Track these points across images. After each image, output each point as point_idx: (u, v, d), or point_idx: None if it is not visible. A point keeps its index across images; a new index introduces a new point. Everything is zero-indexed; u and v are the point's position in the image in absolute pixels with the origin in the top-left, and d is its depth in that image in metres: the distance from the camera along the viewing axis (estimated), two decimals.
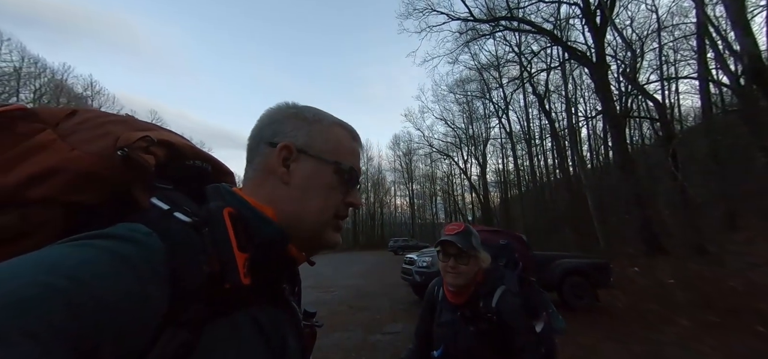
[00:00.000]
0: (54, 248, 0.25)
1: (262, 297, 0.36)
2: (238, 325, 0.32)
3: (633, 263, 7.52)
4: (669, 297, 5.44)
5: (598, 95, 10.78)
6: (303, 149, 0.42)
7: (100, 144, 0.34)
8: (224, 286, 0.30)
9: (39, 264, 0.23)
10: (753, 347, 3.62)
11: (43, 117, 0.34)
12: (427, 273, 5.77)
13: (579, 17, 11.81)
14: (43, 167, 0.31)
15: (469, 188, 26.70)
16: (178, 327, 0.27)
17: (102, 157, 0.33)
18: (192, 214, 0.33)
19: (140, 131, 0.36)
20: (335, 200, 0.42)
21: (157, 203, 0.33)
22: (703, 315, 4.62)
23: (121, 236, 0.27)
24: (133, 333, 0.25)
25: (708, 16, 8.64)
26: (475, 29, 13.94)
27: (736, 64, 8.16)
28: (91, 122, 0.36)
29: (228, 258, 0.31)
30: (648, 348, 3.63)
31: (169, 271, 0.28)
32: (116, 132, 0.35)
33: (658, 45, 14.04)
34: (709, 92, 10.90)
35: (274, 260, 0.37)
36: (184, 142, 0.42)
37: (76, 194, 0.32)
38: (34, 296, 0.20)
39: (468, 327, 0.99)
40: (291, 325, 0.40)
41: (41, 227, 0.31)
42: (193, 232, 0.31)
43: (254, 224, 0.36)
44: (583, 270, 5.48)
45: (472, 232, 1.05)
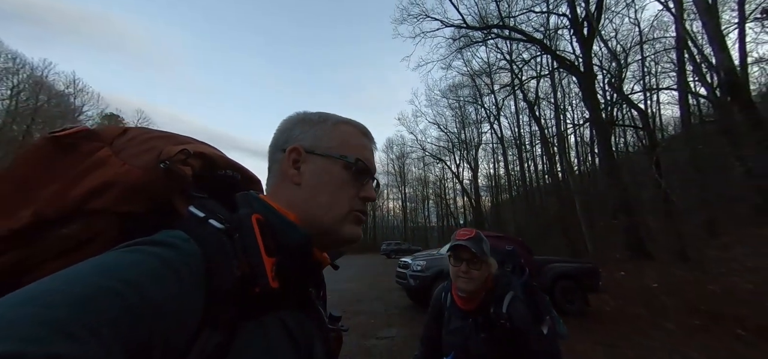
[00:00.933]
0: (110, 254, 0.27)
1: (291, 301, 0.37)
2: (268, 328, 0.33)
3: (619, 268, 7.75)
4: (655, 302, 5.61)
5: (586, 103, 11.14)
6: (310, 149, 0.43)
7: (146, 158, 0.37)
8: (254, 290, 0.31)
9: (98, 268, 0.25)
10: (735, 350, 3.76)
11: (102, 136, 0.38)
12: (422, 277, 5.76)
13: (567, 28, 12.23)
14: (101, 181, 0.34)
15: (461, 192, 27.01)
16: (213, 329, 0.28)
17: (147, 170, 0.36)
18: (224, 221, 0.34)
19: (179, 145, 0.39)
20: (347, 195, 0.43)
21: (194, 211, 0.35)
22: (688, 319, 4.78)
23: (164, 243, 0.29)
24: (177, 332, 0.26)
25: (687, 30, 9.10)
26: (468, 36, 14.24)
27: (712, 77, 8.62)
28: (138, 138, 0.40)
29: (257, 262, 0.32)
30: (638, 353, 3.71)
31: (205, 274, 0.29)
32: (159, 147, 0.38)
33: (641, 57, 14.69)
34: (688, 103, 11.43)
35: (300, 264, 0.37)
36: (217, 153, 0.45)
37: (127, 204, 0.35)
38: (95, 296, 0.22)
39: (479, 334, 0.98)
40: (318, 329, 0.41)
41: (100, 235, 0.35)
42: (226, 238, 0.32)
43: (280, 230, 0.37)
44: (573, 274, 5.59)
45: (483, 238, 1.05)
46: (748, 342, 3.92)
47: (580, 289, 5.51)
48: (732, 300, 4.91)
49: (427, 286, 5.61)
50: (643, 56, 14.63)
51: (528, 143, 21.50)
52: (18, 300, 0.22)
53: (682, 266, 6.78)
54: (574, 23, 11.07)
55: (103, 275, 0.24)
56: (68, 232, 0.33)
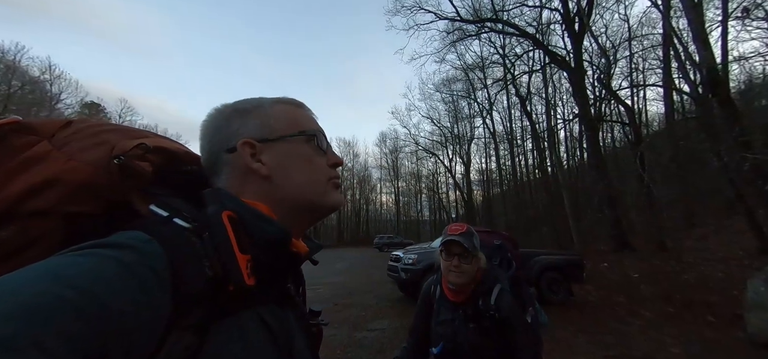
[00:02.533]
0: (58, 258, 0.25)
1: (269, 297, 0.37)
2: (245, 325, 0.33)
3: (603, 259, 8.05)
4: (634, 291, 5.88)
5: (576, 98, 11.33)
6: (262, 138, 0.41)
7: (96, 153, 0.34)
8: (228, 288, 0.31)
9: (44, 274, 0.23)
10: (705, 335, 4.00)
11: (38, 129, 0.34)
12: (413, 270, 5.84)
13: (559, 23, 12.33)
14: (40, 179, 0.31)
15: (453, 187, 27.25)
16: (182, 331, 0.28)
17: (98, 166, 0.33)
18: (191, 219, 0.33)
19: (136, 139, 0.36)
20: (320, 165, 0.43)
21: (155, 210, 0.33)
22: (663, 307, 5.03)
23: (121, 245, 0.27)
24: (139, 339, 0.25)
25: (673, 27, 9.28)
26: (462, 29, 14.19)
27: (695, 74, 8.88)
28: (86, 131, 0.36)
29: (230, 261, 0.31)
30: (617, 339, 3.91)
31: (171, 276, 0.28)
32: (112, 141, 0.35)
33: (629, 53, 14.95)
34: (672, 100, 11.79)
35: (276, 259, 0.37)
36: (180, 148, 0.43)
37: (75, 204, 0.32)
38: (43, 305, 0.21)
39: (468, 325, 1.02)
40: (298, 323, 0.41)
41: (42, 239, 0.31)
42: (194, 237, 0.31)
43: (255, 225, 0.36)
44: (559, 266, 5.78)
45: (474, 233, 1.08)
46: (716, 328, 4.17)
47: (565, 280, 5.70)
48: (704, 288, 5.19)
49: (418, 279, 5.71)
50: (631, 52, 14.92)
51: (519, 138, 21.80)
52: None
53: (660, 257, 7.11)
54: (565, 18, 11.16)
55: (51, 281, 0.22)
56: (2, 236, 0.30)
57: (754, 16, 9.74)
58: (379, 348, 3.76)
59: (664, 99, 12.21)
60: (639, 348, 3.63)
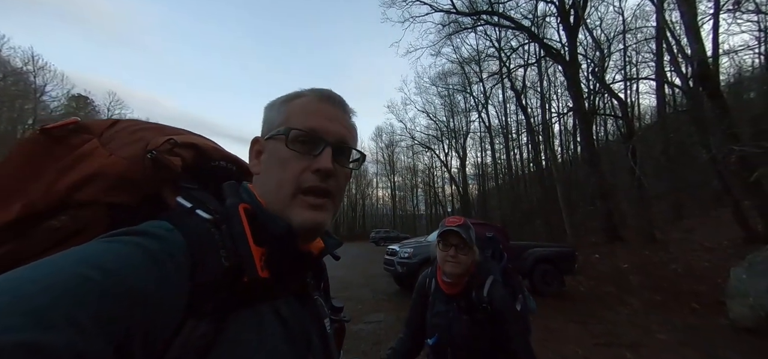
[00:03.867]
0: (91, 244, 0.27)
1: (285, 291, 0.37)
2: (260, 316, 0.33)
3: (595, 251, 8.23)
4: (624, 281, 6.04)
5: (570, 92, 11.41)
6: (265, 135, 0.42)
7: (133, 149, 0.37)
8: (243, 279, 0.32)
9: (76, 257, 0.25)
10: (689, 322, 4.16)
11: (92, 128, 0.38)
12: (409, 264, 5.91)
13: (555, 15, 12.30)
14: (87, 172, 0.35)
15: (449, 181, 27.40)
16: (199, 318, 0.28)
17: (134, 160, 0.36)
18: (213, 211, 0.34)
19: (167, 135, 0.39)
20: (292, 172, 0.38)
21: (181, 201, 0.35)
22: (651, 295, 5.20)
23: (146, 233, 0.29)
24: (159, 321, 0.26)
25: (666, 20, 9.35)
26: (458, 22, 14.07)
27: (687, 67, 8.99)
28: (127, 129, 0.40)
29: (244, 252, 0.32)
30: (605, 328, 4.04)
31: (190, 265, 0.29)
32: (147, 138, 0.39)
33: (623, 46, 15.02)
34: (664, 93, 11.92)
35: (286, 253, 0.37)
36: (209, 144, 0.45)
37: (115, 195, 0.36)
38: (72, 284, 0.23)
39: (462, 316, 1.04)
40: (314, 320, 0.41)
41: (90, 226, 0.35)
42: (213, 228, 0.33)
43: (264, 220, 0.37)
44: (552, 258, 5.92)
45: (470, 226, 1.10)
46: (701, 315, 4.33)
47: (557, 272, 5.84)
48: (690, 277, 5.37)
49: (414, 272, 5.79)
50: (625, 46, 14.99)
51: (514, 132, 21.93)
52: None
53: (650, 248, 7.29)
54: (561, 10, 11.14)
55: (80, 263, 0.24)
56: (57, 224, 0.34)
57: (744, 9, 9.85)
58: (375, 340, 3.83)
59: (656, 92, 12.32)
60: (627, 335, 3.76)
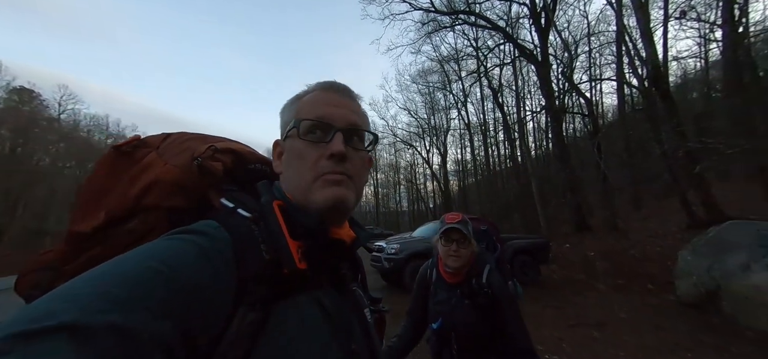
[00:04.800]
0: (155, 242, 0.31)
1: (325, 282, 0.39)
2: (303, 306, 0.35)
3: (566, 241, 8.87)
4: (591, 268, 6.60)
5: (542, 91, 12.06)
6: (282, 136, 0.45)
7: (182, 158, 0.42)
8: (283, 271, 0.34)
9: (143, 253, 0.29)
10: (646, 301, 4.67)
11: (151, 142, 0.45)
12: (396, 259, 6.03)
13: (527, 17, 12.90)
14: (148, 181, 0.40)
15: (430, 177, 27.92)
16: (247, 308, 0.31)
17: (184, 168, 0.41)
18: (252, 210, 0.37)
19: (208, 143, 0.44)
20: (309, 162, 0.40)
21: (225, 202, 0.39)
22: (614, 280, 5.74)
23: (197, 231, 0.33)
24: (212, 309, 0.29)
25: (625, 25, 10.17)
26: (437, 21, 14.31)
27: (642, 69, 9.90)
28: (177, 140, 0.45)
29: (282, 246, 0.34)
30: (576, 311, 4.43)
31: (235, 259, 0.32)
32: (193, 147, 0.43)
33: (588, 48, 16.15)
34: (624, 93, 13.00)
35: (321, 245, 0.39)
36: (246, 148, 0.49)
37: (172, 199, 0.40)
38: (143, 275, 0.26)
39: (463, 302, 1.13)
40: (354, 309, 0.42)
41: (156, 228, 0.40)
42: (253, 225, 0.36)
43: (296, 215, 0.38)
44: (529, 249, 6.30)
45: (468, 221, 1.19)
46: (655, 294, 4.88)
47: (534, 262, 6.25)
48: (646, 261, 5.99)
49: (401, 267, 5.94)
50: (590, 48, 16.12)
51: (492, 129, 22.77)
52: (82, 280, 0.25)
53: (613, 236, 8.00)
54: (533, 13, 11.69)
55: (148, 258, 0.28)
56: (132, 227, 0.39)
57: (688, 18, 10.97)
58: None
59: (617, 92, 13.40)
60: (594, 316, 4.16)
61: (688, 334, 3.39)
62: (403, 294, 5.28)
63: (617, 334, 3.52)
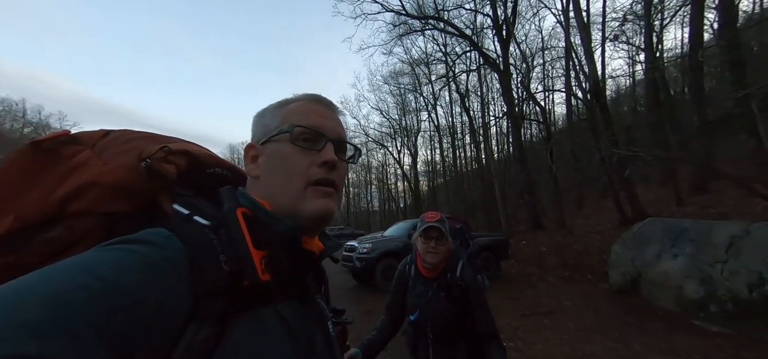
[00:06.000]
0: (88, 253, 0.28)
1: (287, 294, 0.37)
2: (262, 319, 0.33)
3: (523, 238, 9.72)
4: (543, 262, 7.34)
5: (504, 97, 13.01)
6: (260, 139, 0.43)
7: (127, 158, 0.37)
8: (244, 283, 0.31)
9: (75, 267, 0.25)
10: (586, 290, 5.36)
11: (83, 139, 0.39)
12: (368, 259, 6.06)
13: (491, 27, 13.82)
14: (81, 182, 0.35)
15: (401, 177, 28.43)
16: (201, 322, 0.28)
17: (129, 169, 0.36)
18: (211, 217, 0.34)
19: (160, 143, 0.40)
20: (299, 167, 0.40)
21: (178, 208, 0.35)
22: (561, 272, 6.47)
23: (144, 240, 0.29)
24: (159, 327, 0.26)
25: (571, 43, 11.45)
26: (407, 24, 14.65)
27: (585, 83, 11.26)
28: (120, 138, 0.40)
29: (245, 256, 0.32)
30: (529, 301, 4.93)
31: (189, 270, 0.29)
32: (141, 146, 0.39)
33: (543, 61, 17.82)
34: (571, 103, 14.60)
35: (289, 255, 0.37)
36: (204, 151, 0.45)
37: (111, 204, 0.36)
38: (67, 293, 0.22)
39: (439, 294, 1.22)
40: (318, 322, 0.41)
41: (86, 237, 0.35)
42: (212, 233, 0.33)
43: (267, 223, 0.37)
44: (491, 246, 6.79)
45: (445, 220, 1.26)
46: (593, 283, 5.61)
47: (495, 258, 6.76)
48: (587, 255, 6.83)
49: (373, 266, 6.02)
50: (544, 61, 17.80)
51: (460, 132, 23.92)
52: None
53: (561, 233, 8.96)
54: (495, 23, 12.54)
55: (78, 272, 0.24)
56: (52, 235, 0.33)
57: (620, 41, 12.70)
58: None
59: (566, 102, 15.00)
60: (545, 304, 4.67)
61: (616, 317, 3.98)
62: (374, 293, 5.38)
63: (562, 320, 4.00)
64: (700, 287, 3.76)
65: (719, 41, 6.22)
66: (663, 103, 10.47)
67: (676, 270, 4.05)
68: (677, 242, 4.22)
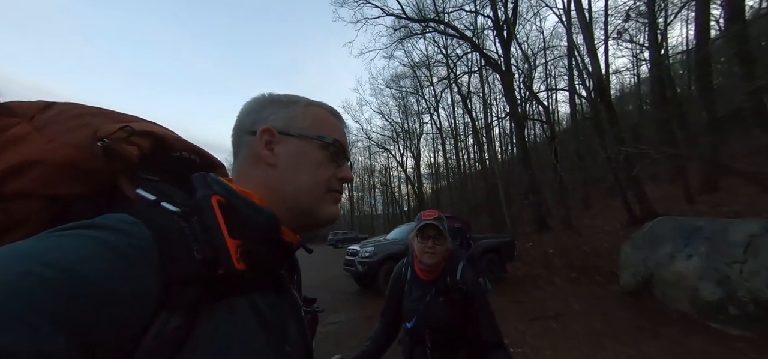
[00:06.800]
0: (38, 238, 0.25)
1: (262, 283, 0.37)
2: (237, 310, 0.32)
3: (528, 240, 9.55)
4: (550, 263, 7.17)
5: (506, 98, 12.92)
6: (284, 130, 0.42)
7: (78, 135, 0.34)
8: (218, 272, 0.30)
9: (25, 254, 0.23)
10: (595, 292, 5.18)
11: (17, 111, 0.34)
12: (370, 263, 5.99)
13: (491, 28, 13.77)
14: (19, 160, 0.31)
15: (405, 180, 28.37)
16: (171, 311, 0.27)
17: (81, 148, 0.33)
18: (180, 203, 0.33)
19: (121, 122, 0.36)
20: (325, 175, 0.43)
21: (143, 193, 0.33)
22: (569, 274, 6.29)
23: (105, 226, 0.27)
24: (126, 317, 0.25)
25: (574, 42, 11.33)
26: (408, 27, 14.68)
27: (589, 82, 11.12)
28: (68, 113, 0.36)
29: (219, 245, 0.31)
30: (536, 305, 4.78)
31: (158, 258, 0.28)
32: (95, 124, 0.35)
33: (545, 61, 17.70)
34: (575, 102, 14.43)
35: (267, 245, 0.36)
36: (170, 134, 0.42)
37: (57, 186, 0.32)
38: (22, 285, 0.21)
39: (438, 299, 1.12)
40: (291, 311, 0.41)
41: (28, 221, 0.31)
42: (182, 221, 0.31)
43: (245, 212, 0.36)
44: (496, 248, 6.66)
45: (444, 218, 1.18)
46: (602, 285, 5.43)
47: (500, 259, 6.61)
48: (595, 255, 6.65)
49: (375, 270, 5.93)
50: (546, 60, 17.68)
51: (462, 134, 23.82)
52: None
53: (568, 233, 8.78)
54: (496, 24, 12.49)
55: (27, 260, 0.22)
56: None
57: (624, 39, 12.55)
58: (336, 340, 3.85)
59: (569, 102, 14.82)
60: (553, 308, 4.52)
61: (628, 320, 3.82)
62: (377, 297, 5.27)
63: (571, 323, 3.85)
64: (717, 288, 3.59)
65: (726, 33, 6.07)
66: (669, 100, 10.28)
67: (691, 270, 3.89)
68: (691, 241, 4.06)
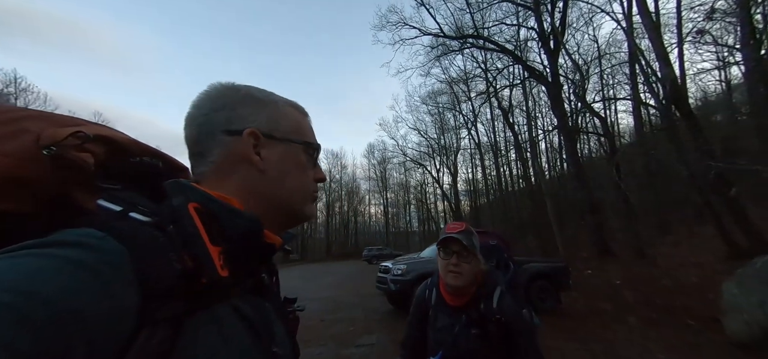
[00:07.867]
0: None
1: (244, 288, 0.36)
2: (220, 317, 0.32)
3: (586, 266, 8.27)
4: (618, 297, 6.03)
5: (554, 111, 11.89)
6: (268, 133, 0.42)
7: (17, 143, 0.30)
8: (201, 281, 0.30)
9: None
10: (685, 339, 4.12)
11: None
12: (403, 281, 5.73)
13: (536, 40, 13.03)
14: None
15: (441, 197, 27.55)
16: (154, 326, 0.26)
17: (21, 158, 0.29)
18: (150, 213, 0.31)
19: (69, 127, 0.32)
20: (308, 177, 0.45)
21: (105, 204, 0.31)
22: (646, 312, 5.17)
23: (69, 243, 0.25)
24: (105, 337, 0.23)
25: (638, 47, 10.05)
26: (445, 45, 14.69)
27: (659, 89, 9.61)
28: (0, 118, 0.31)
29: (202, 253, 0.30)
30: (604, 347, 3.95)
31: (134, 273, 0.26)
32: (36, 129, 0.31)
33: (600, 70, 16.02)
34: (640, 113, 12.62)
35: (250, 250, 0.36)
36: (126, 138, 0.39)
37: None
38: None
39: (470, 331, 0.95)
40: (276, 310, 0.41)
41: None
42: (156, 231, 0.29)
43: (225, 218, 0.35)
44: (547, 273, 5.86)
45: (473, 232, 1.01)
46: (696, 331, 4.31)
47: (553, 287, 5.78)
48: (681, 293, 5.41)
49: (408, 290, 5.59)
50: (601, 69, 16.00)
51: (503, 149, 22.52)
52: None
53: (639, 263, 7.39)
54: (541, 36, 11.82)
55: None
56: None
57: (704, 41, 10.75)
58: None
59: (633, 112, 13.06)
60: (626, 353, 3.67)
61: None
62: None
63: None
64: None
65: None
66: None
67: None
68: None
